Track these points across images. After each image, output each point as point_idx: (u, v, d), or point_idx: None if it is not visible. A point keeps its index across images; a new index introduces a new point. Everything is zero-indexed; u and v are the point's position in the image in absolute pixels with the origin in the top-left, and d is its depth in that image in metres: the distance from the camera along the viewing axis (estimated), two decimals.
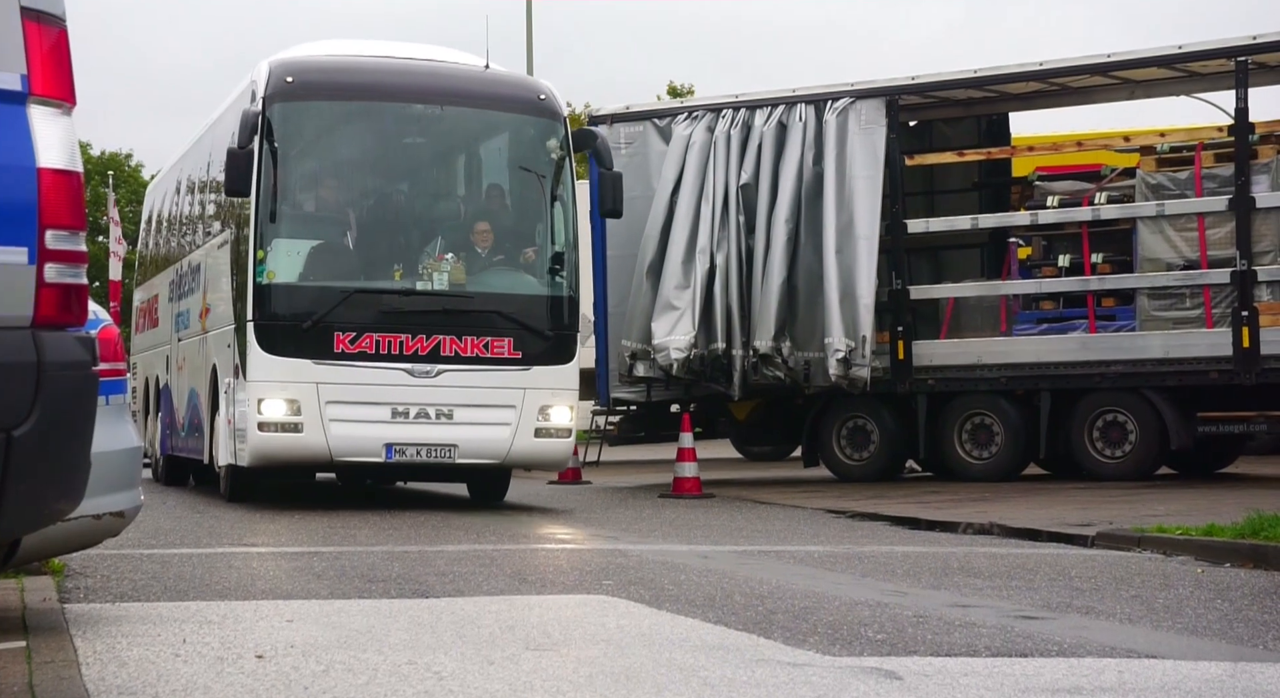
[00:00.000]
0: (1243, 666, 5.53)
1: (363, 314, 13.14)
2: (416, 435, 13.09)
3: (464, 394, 13.20)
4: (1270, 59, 14.99)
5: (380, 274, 13.56)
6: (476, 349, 13.29)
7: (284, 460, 13.32)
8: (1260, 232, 15.06)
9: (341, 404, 13.00)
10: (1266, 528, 9.65)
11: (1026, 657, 5.62)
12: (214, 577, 8.06)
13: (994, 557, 9.71)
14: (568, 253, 13.78)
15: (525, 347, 13.41)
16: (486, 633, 5.93)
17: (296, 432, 12.98)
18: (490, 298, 13.52)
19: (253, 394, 13.05)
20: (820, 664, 5.37)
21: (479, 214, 13.96)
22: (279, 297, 13.23)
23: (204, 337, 15.60)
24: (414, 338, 13.17)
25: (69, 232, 4.83)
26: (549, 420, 13.41)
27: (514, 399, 13.29)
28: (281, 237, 13.31)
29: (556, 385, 13.51)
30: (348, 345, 13.06)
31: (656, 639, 5.82)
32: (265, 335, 13.14)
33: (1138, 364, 15.56)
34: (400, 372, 13.08)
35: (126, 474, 6.37)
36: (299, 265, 13.43)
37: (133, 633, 5.82)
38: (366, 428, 13.02)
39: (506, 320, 13.42)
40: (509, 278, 13.76)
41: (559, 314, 13.67)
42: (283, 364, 13.05)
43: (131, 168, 49.55)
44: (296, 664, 5.15)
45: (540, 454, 13.62)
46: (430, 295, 13.39)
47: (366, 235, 13.74)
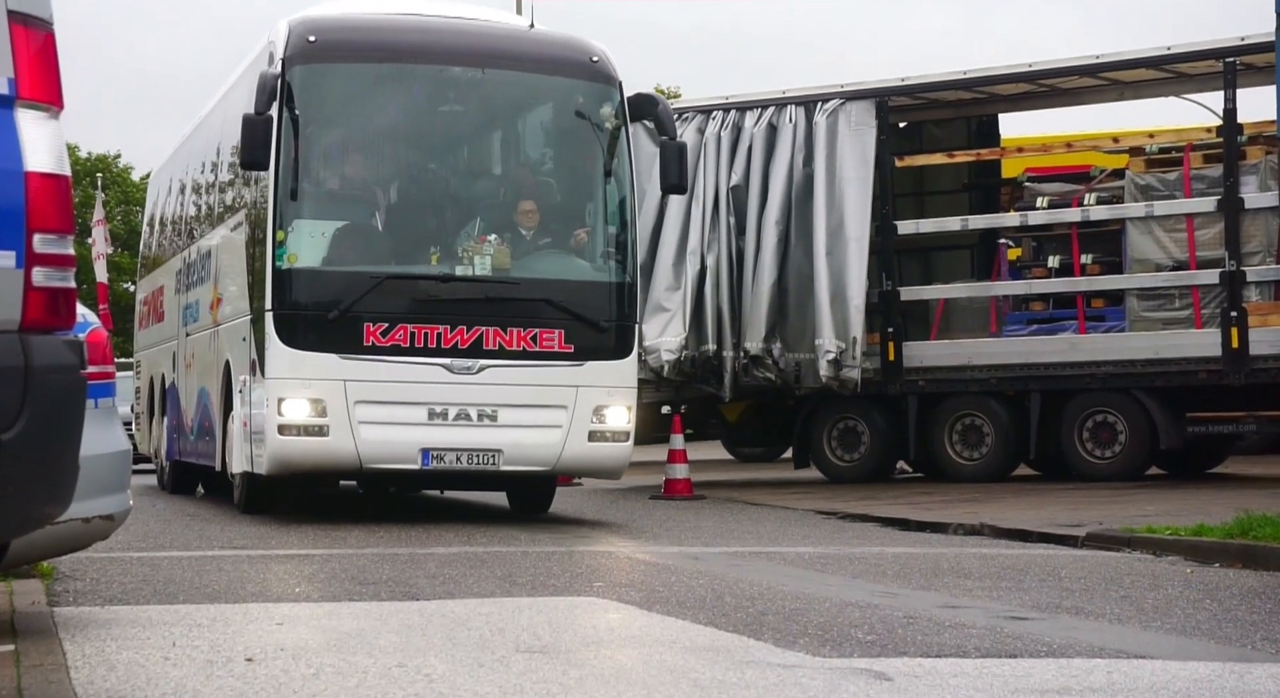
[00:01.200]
0: (1231, 666, 5.54)
1: (395, 303, 11.76)
2: (456, 440, 11.73)
3: (509, 393, 11.82)
4: (1258, 60, 15.02)
5: (415, 258, 12.12)
6: (523, 342, 11.89)
7: (307, 468, 11.95)
8: (1249, 232, 15.09)
9: (372, 404, 11.64)
10: (1256, 528, 9.68)
11: (1016, 658, 5.62)
12: (203, 580, 8.05)
13: (984, 558, 9.72)
14: (624, 234, 12.31)
15: (578, 339, 12.00)
16: (477, 635, 5.93)
17: (321, 436, 11.60)
18: (539, 284, 12.07)
19: (272, 393, 11.66)
20: (810, 666, 5.37)
21: (524, 191, 12.46)
22: (301, 283, 11.81)
23: (215, 330, 14.24)
24: (453, 330, 11.73)
25: (57, 235, 4.82)
26: (604, 422, 12.02)
27: (565, 399, 11.91)
28: (303, 216, 11.89)
29: (613, 383, 12.10)
30: (379, 338, 11.68)
31: (647, 641, 5.82)
32: (286, 327, 11.73)
33: (1127, 365, 15.59)
34: (438, 367, 11.68)
35: (115, 477, 6.36)
36: (323, 248, 11.97)
37: (122, 636, 5.81)
38: (400, 431, 11.67)
39: (557, 310, 11.99)
40: (559, 262, 12.31)
41: (615, 303, 12.22)
42: (306, 359, 11.66)
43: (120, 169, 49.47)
44: (286, 667, 5.15)
45: (594, 461, 12.20)
46: (472, 282, 11.91)
47: (399, 214, 12.33)
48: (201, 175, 16.14)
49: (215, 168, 15.20)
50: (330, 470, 12.29)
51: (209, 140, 15.74)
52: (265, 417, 11.70)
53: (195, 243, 15.93)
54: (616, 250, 12.29)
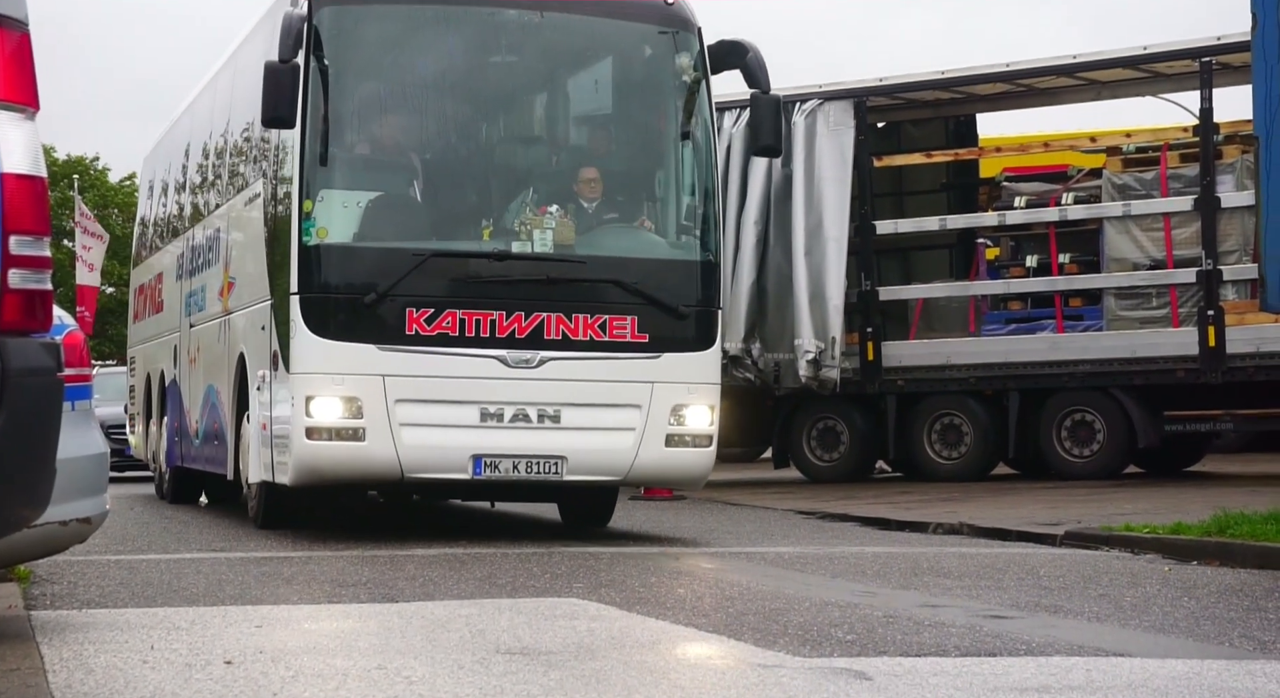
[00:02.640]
0: (1209, 663, 5.56)
1: (443, 285, 10.20)
2: (513, 444, 10.17)
3: (574, 390, 10.28)
4: (1234, 60, 15.09)
5: (464, 233, 10.60)
6: (590, 331, 10.32)
7: (340, 477, 10.34)
8: (1225, 231, 15.17)
9: (415, 403, 10.10)
10: (1233, 526, 9.72)
11: (995, 656, 5.64)
12: (182, 583, 8.02)
13: (963, 557, 9.74)
14: (705, 205, 10.73)
15: (654, 328, 10.45)
16: (457, 637, 5.92)
17: (357, 440, 10.01)
18: (608, 263, 10.49)
19: (299, 391, 10.09)
20: (790, 665, 5.38)
21: (587, 156, 10.93)
22: (332, 262, 10.24)
23: (226, 319, 12.55)
24: (509, 316, 10.19)
25: (33, 237, 4.80)
26: (684, 424, 10.46)
27: (639, 396, 10.38)
28: (335, 183, 10.36)
29: (694, 378, 10.51)
30: (423, 326, 10.13)
31: (627, 642, 5.82)
32: (315, 313, 10.14)
33: (1105, 364, 15.65)
34: (492, 360, 10.16)
35: (93, 480, 6.33)
36: (358, 221, 10.39)
37: (100, 640, 5.79)
38: (448, 435, 10.13)
39: (629, 293, 10.41)
40: (630, 238, 10.76)
41: (696, 285, 10.64)
42: (339, 351, 10.09)
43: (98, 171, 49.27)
44: (265, 670, 5.13)
45: (672, 469, 10.64)
46: (531, 260, 10.32)
47: (444, 182, 10.74)
48: (208, 145, 14.36)
49: (225, 134, 13.44)
50: (366, 480, 10.67)
51: (216, 105, 14.05)
52: (290, 418, 10.18)
53: (201, 222, 14.22)
54: (696, 224, 10.75)
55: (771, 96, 10.79)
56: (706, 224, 10.73)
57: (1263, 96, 11.78)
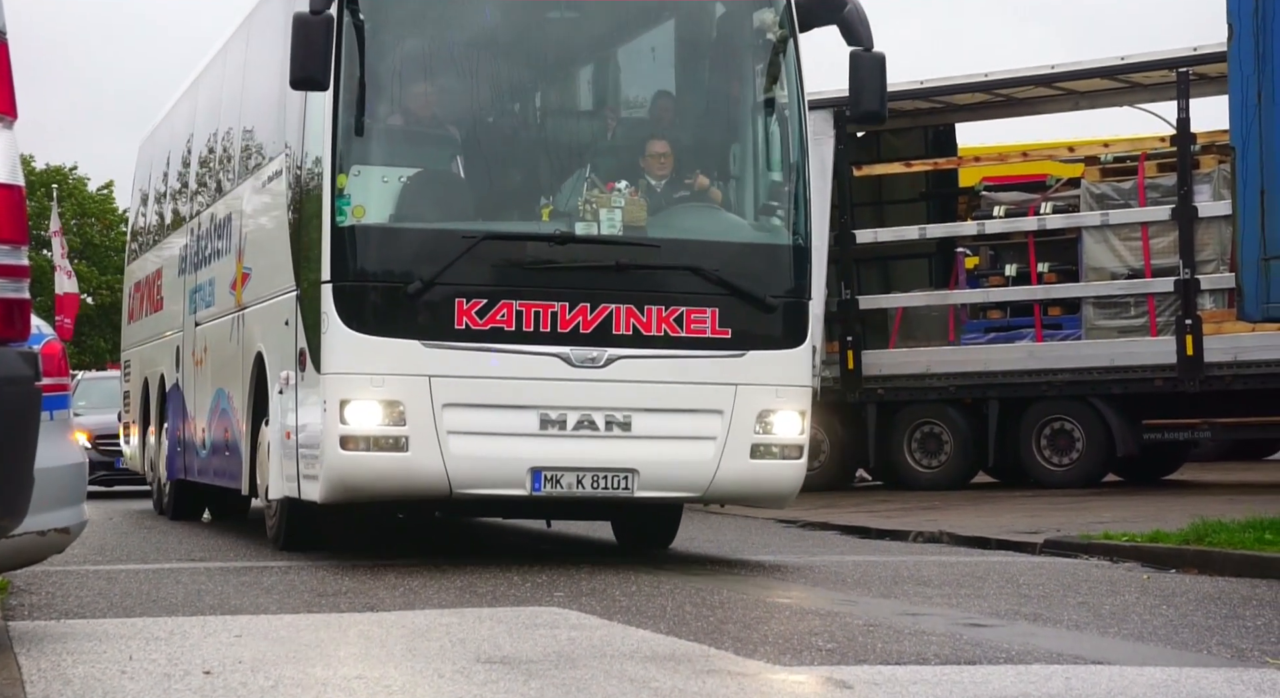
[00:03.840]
0: (1187, 671, 5.58)
1: (497, 272, 9.03)
2: (577, 456, 8.99)
3: (647, 393, 9.07)
4: (1211, 70, 15.17)
5: (520, 212, 9.40)
6: (665, 325, 9.13)
7: (378, 493, 9.11)
8: (1203, 241, 15.24)
9: (466, 408, 8.91)
10: (1210, 534, 9.76)
11: (975, 664, 5.65)
12: (161, 593, 7.99)
13: (943, 565, 9.76)
14: (795, 183, 9.48)
15: (737, 322, 9.25)
16: (437, 646, 5.91)
17: (398, 450, 8.83)
18: (685, 247, 9.26)
19: (332, 393, 8.90)
20: (770, 674, 5.38)
21: (655, 126, 9.63)
22: (370, 245, 9.04)
23: (239, 314, 11.31)
24: (573, 308, 9.00)
25: (10, 246, 4.79)
26: (771, 433, 9.23)
27: (721, 401, 9.17)
28: (372, 156, 9.17)
29: (782, 380, 9.31)
30: (474, 319, 8.92)
31: (608, 651, 5.82)
32: (350, 304, 8.93)
33: (1084, 373, 15.70)
34: (553, 359, 8.97)
35: (71, 490, 6.31)
36: (399, 198, 9.17)
37: (78, 650, 5.76)
38: (503, 445, 8.94)
39: (710, 282, 9.19)
40: (710, 219, 9.54)
41: (785, 272, 9.40)
42: (377, 348, 8.89)
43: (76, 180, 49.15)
44: (245, 680, 5.12)
45: (757, 484, 9.36)
46: (598, 243, 9.12)
47: (497, 155, 9.46)
48: (217, 122, 12.96)
49: (239, 107, 12.14)
50: (409, 496, 9.28)
51: (227, 76, 12.80)
52: (320, 425, 8.96)
53: (209, 209, 12.85)
54: (783, 204, 9.52)
55: (876, 54, 9.37)
56: (796, 204, 9.49)
57: (1239, 107, 11.85)
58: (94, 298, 46.74)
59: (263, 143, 11.02)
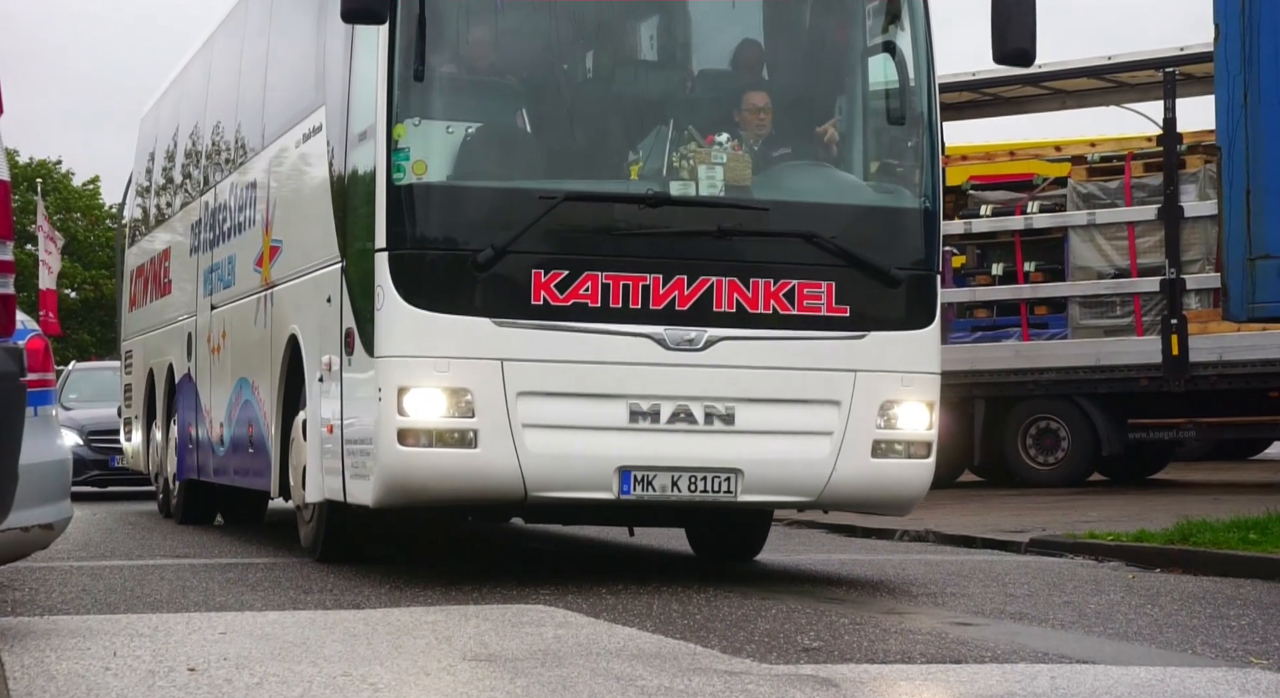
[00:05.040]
0: (1172, 670, 5.59)
1: (580, 239, 7.88)
2: (673, 453, 7.83)
3: (753, 381, 7.92)
4: (1197, 70, 15.20)
5: (605, 169, 8.24)
6: (774, 301, 7.94)
7: (442, 496, 7.90)
8: (1189, 240, 15.28)
9: (544, 397, 7.77)
10: (1195, 534, 9.79)
11: (961, 663, 5.66)
12: (145, 589, 7.97)
13: (929, 564, 9.78)
14: (920, 138, 8.32)
15: (857, 298, 8.08)
16: (422, 644, 5.90)
17: (466, 446, 7.67)
18: (798, 211, 8.11)
19: (389, 380, 7.72)
20: (757, 673, 5.38)
21: (749, 78, 8.49)
22: (433, 206, 7.89)
23: (268, 293, 10.02)
24: (668, 281, 7.84)
25: None
26: (896, 427, 8.11)
27: (838, 390, 8.02)
28: (434, 106, 8.00)
29: (909, 366, 8.16)
30: (554, 294, 7.75)
31: (594, 649, 5.81)
32: (410, 275, 7.76)
33: (1070, 372, 15.73)
34: (646, 340, 7.81)
35: (55, 486, 6.30)
36: (466, 153, 8.04)
37: (62, 647, 5.74)
38: (587, 440, 7.79)
39: (826, 251, 8.01)
40: (823, 179, 8.41)
41: (912, 240, 8.26)
42: (442, 327, 7.71)
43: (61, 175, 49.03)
44: (229, 677, 5.11)
45: (879, 487, 8.20)
46: (697, 206, 7.96)
47: (576, 105, 8.31)
48: (236, 82, 11.69)
49: (262, 62, 10.91)
50: (478, 500, 8.04)
51: (248, 30, 11.65)
52: (373, 417, 7.80)
53: (227, 178, 11.56)
54: (907, 162, 8.38)
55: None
56: (921, 162, 8.30)
57: (1225, 107, 11.87)
58: (78, 293, 46.63)
59: (296, 97, 9.69)
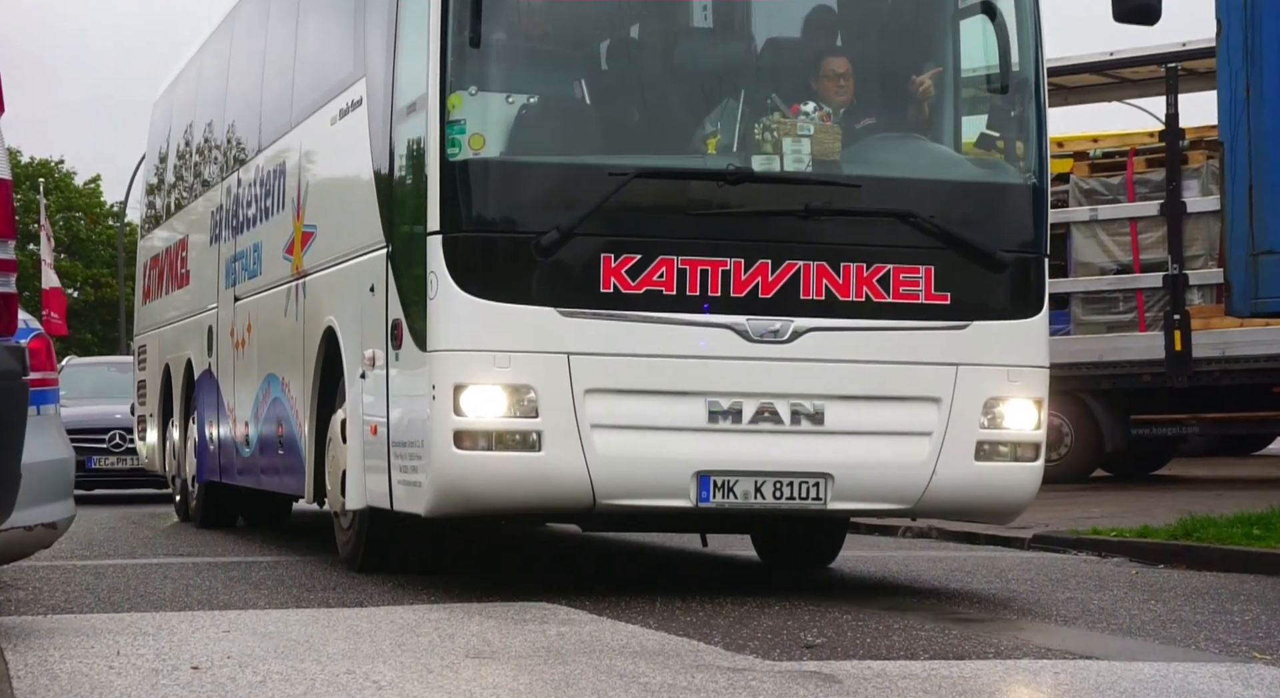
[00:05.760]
0: (1175, 665, 5.59)
1: (653, 220, 7.21)
2: (756, 456, 7.15)
3: (844, 376, 7.24)
4: (1199, 66, 15.19)
5: (678, 143, 7.51)
6: (867, 287, 7.25)
7: (502, 504, 7.27)
8: (1191, 236, 15.27)
9: (615, 395, 7.11)
10: (1199, 529, 9.78)
11: (964, 659, 5.66)
12: (149, 588, 7.97)
13: (932, 560, 9.78)
14: (1024, 107, 7.63)
15: (959, 284, 7.38)
16: (426, 642, 5.91)
17: (529, 450, 7.01)
18: (893, 188, 7.43)
19: (443, 376, 7.04)
20: (760, 669, 5.38)
21: (828, 42, 7.77)
22: (492, 184, 7.18)
23: (300, 283, 9.35)
24: (750, 266, 7.14)
25: None
26: (1002, 427, 7.45)
27: (938, 386, 7.33)
28: (492, 74, 7.29)
29: (1016, 359, 7.49)
30: (625, 281, 7.08)
31: (597, 646, 5.81)
32: (467, 260, 7.09)
33: (1073, 368, 15.71)
34: (726, 331, 7.13)
35: (58, 485, 6.30)
36: (526, 126, 7.34)
37: (65, 645, 5.75)
38: (662, 442, 7.11)
39: (924, 233, 7.31)
40: (918, 152, 7.72)
41: (1019, 219, 7.58)
42: (502, 317, 7.05)
43: (62, 174, 49.06)
44: (233, 675, 5.11)
45: (983, 493, 7.52)
46: (782, 183, 7.29)
47: (646, 74, 7.58)
48: (260, 58, 10.99)
49: (291, 36, 10.19)
50: (539, 508, 7.43)
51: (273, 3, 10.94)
52: (425, 417, 7.14)
53: (252, 161, 10.86)
54: (1011, 133, 7.65)
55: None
56: (1025, 134, 7.59)
57: (1227, 102, 11.87)
58: (80, 292, 46.68)
59: (330, 71, 9.01)
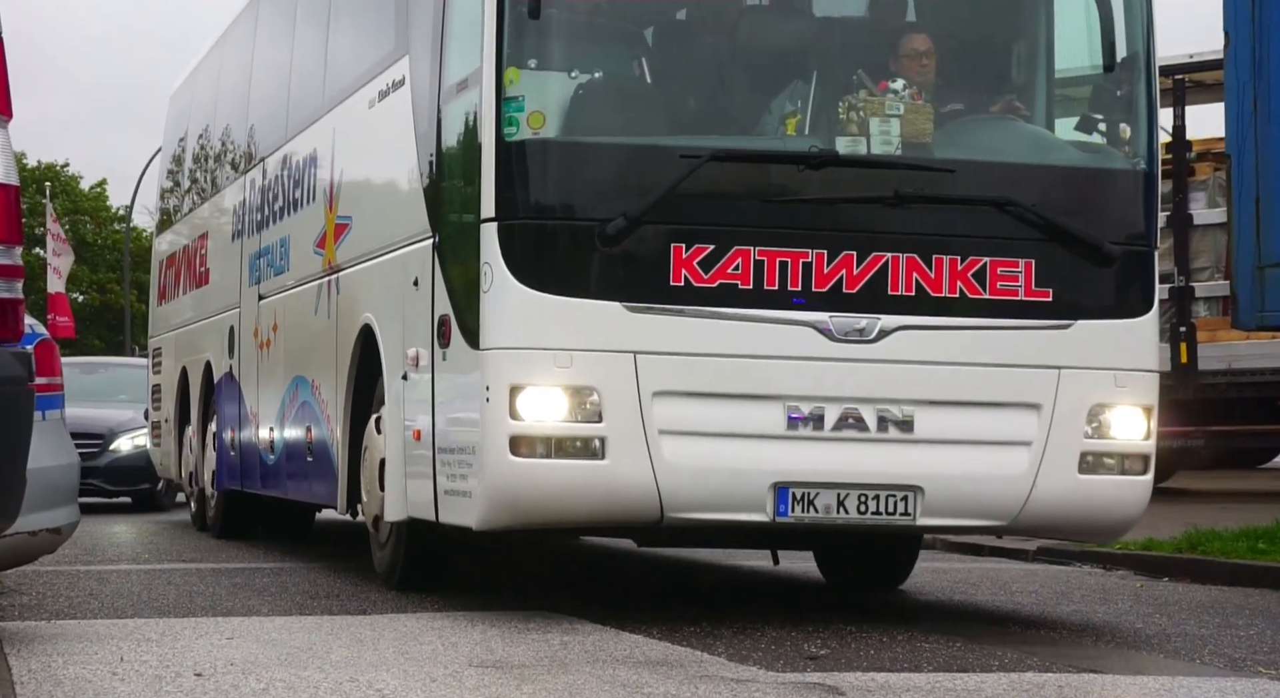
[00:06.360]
0: (1180, 679, 5.58)
1: (728, 207, 6.63)
2: (839, 466, 6.60)
3: (936, 379, 6.67)
4: (1207, 77, 15.19)
5: (752, 123, 6.99)
6: (961, 282, 6.67)
7: (560, 516, 6.71)
8: (1198, 248, 15.26)
9: (685, 398, 6.55)
10: (1204, 542, 9.77)
11: (967, 672, 5.65)
12: (153, 594, 7.98)
13: (936, 571, 9.76)
14: (1131, 85, 7.10)
15: (1062, 278, 6.81)
16: (429, 650, 5.90)
17: (592, 457, 6.46)
18: (990, 173, 6.87)
19: (498, 377, 6.49)
20: (763, 680, 5.38)
21: (908, 19, 7.27)
22: (552, 166, 6.65)
23: (332, 278, 8.81)
24: (834, 258, 6.58)
25: (4, 246, 4.78)
26: (1109, 436, 6.86)
27: (1039, 391, 6.74)
28: (552, 50, 6.81)
29: (1124, 362, 6.92)
30: (697, 273, 6.53)
31: (600, 656, 5.81)
32: (524, 250, 6.56)
33: None
34: (807, 330, 6.57)
35: (63, 490, 6.31)
36: (589, 104, 6.86)
37: (69, 651, 5.75)
38: (736, 451, 6.56)
39: (1024, 223, 6.73)
40: (1014, 134, 7.16)
41: (1128, 209, 7.09)
42: (563, 312, 6.50)
43: (68, 178, 49.14)
44: (236, 682, 5.11)
45: (1088, 511, 6.89)
46: (869, 167, 6.73)
47: (716, 51, 7.06)
48: (289, 41, 10.40)
49: (325, 15, 9.64)
50: (603, 521, 6.85)
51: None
52: (479, 421, 6.57)
53: (278, 150, 10.28)
54: (1118, 114, 7.12)
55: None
56: (1134, 115, 7.03)
57: (1235, 114, 11.87)
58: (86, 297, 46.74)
59: (368, 51, 8.52)
